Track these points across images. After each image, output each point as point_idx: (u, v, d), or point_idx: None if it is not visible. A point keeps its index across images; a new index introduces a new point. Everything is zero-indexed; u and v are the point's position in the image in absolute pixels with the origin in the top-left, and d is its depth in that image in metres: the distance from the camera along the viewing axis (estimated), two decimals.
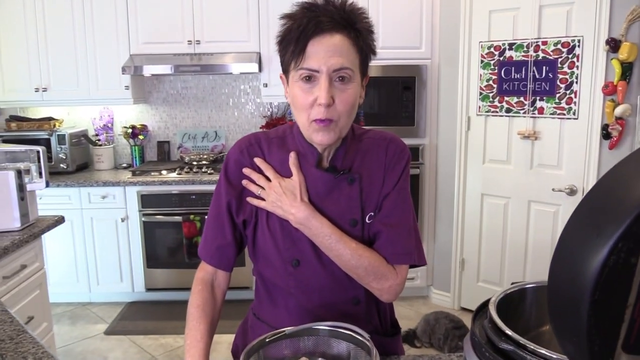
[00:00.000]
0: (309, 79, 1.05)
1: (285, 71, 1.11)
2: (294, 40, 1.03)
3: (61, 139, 3.80)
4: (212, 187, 3.55)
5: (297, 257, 1.15)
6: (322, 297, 1.17)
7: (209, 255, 1.22)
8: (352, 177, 1.15)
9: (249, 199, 1.17)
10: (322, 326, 1.00)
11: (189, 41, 3.73)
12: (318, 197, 1.14)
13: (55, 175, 3.70)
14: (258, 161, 1.17)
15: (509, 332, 0.75)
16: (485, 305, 0.84)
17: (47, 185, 2.44)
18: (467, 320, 2.43)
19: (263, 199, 1.15)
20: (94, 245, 3.67)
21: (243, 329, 1.34)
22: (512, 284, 0.92)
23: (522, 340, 0.74)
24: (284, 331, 1.00)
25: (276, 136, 1.21)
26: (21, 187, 2.31)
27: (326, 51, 1.03)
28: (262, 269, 1.21)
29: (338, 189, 1.14)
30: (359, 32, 1.07)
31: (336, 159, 1.16)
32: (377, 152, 1.19)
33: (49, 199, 3.48)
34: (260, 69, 3.73)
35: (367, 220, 1.14)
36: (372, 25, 1.10)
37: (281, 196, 1.12)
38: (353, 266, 1.11)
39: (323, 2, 1.05)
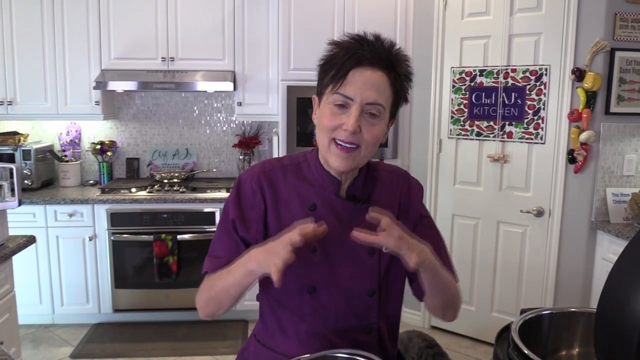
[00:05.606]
0: (342, 106, 1.09)
1: (320, 93, 1.14)
2: (337, 65, 1.08)
3: (26, 154, 3.67)
4: (184, 206, 3.51)
5: (313, 284, 1.16)
6: (336, 324, 1.18)
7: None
8: (371, 206, 1.16)
9: (355, 234, 1.03)
10: (340, 353, 1.01)
11: (162, 58, 3.70)
12: (340, 225, 1.14)
13: None
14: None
15: (534, 357, 0.78)
16: (504, 331, 0.88)
17: (20, 204, 2.35)
18: (438, 338, 2.49)
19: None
20: (59, 265, 3.53)
21: (243, 357, 1.30)
22: (523, 311, 0.96)
23: None
24: (299, 359, 1.00)
25: (290, 164, 1.22)
26: None
27: (365, 83, 1.07)
28: (275, 294, 1.20)
29: (357, 218, 1.14)
30: (398, 75, 1.12)
31: (355, 188, 1.18)
32: (392, 184, 1.24)
33: (12, 217, 3.31)
34: (235, 88, 3.73)
35: (383, 250, 1.13)
36: (412, 73, 1.16)
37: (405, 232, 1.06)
38: (453, 292, 1.17)
39: (372, 39, 1.11)
